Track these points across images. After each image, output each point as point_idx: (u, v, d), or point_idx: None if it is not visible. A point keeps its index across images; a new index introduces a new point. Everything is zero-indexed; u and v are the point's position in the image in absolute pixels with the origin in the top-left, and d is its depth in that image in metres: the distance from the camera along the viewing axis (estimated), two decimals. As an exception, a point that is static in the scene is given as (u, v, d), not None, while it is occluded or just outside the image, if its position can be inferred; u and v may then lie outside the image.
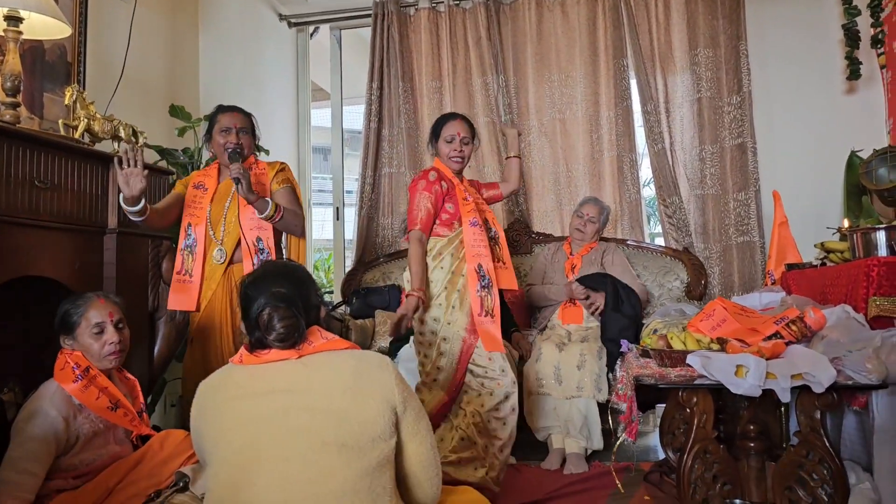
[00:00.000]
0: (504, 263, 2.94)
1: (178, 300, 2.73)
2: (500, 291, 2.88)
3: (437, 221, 2.86)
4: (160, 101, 3.87)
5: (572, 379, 3.06)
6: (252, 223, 2.70)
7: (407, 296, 2.75)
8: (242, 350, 1.59)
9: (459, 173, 2.97)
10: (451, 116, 3.02)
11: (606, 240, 3.89)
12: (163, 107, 3.84)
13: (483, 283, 2.76)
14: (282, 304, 1.55)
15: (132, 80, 3.61)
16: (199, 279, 2.72)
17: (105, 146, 2.91)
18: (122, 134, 2.98)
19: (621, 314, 3.24)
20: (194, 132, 3.85)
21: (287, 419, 1.47)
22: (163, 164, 3.47)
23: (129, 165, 2.41)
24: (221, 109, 2.81)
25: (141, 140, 3.11)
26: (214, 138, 2.77)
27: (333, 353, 1.58)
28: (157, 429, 2.22)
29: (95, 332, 2.05)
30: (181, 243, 2.76)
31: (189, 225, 2.74)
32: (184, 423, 3.09)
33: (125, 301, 2.21)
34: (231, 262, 2.74)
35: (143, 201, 2.46)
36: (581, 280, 3.48)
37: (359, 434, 1.46)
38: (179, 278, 2.73)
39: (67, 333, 2.06)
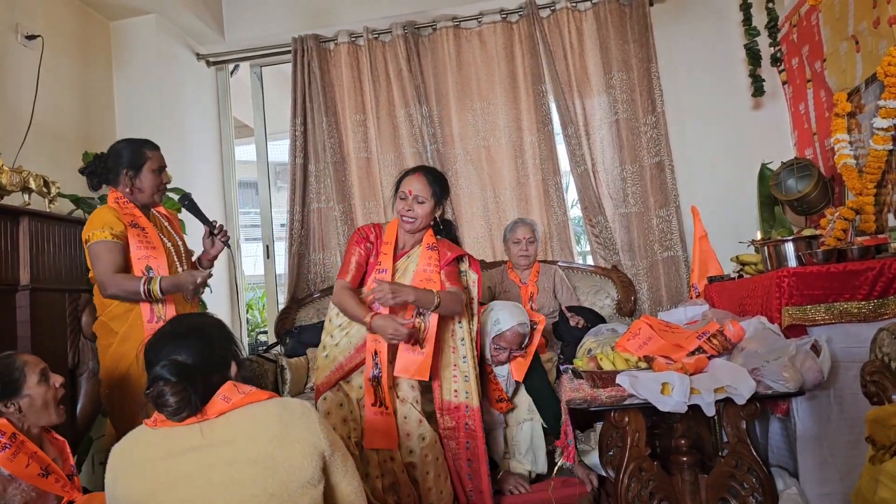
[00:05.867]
0: (422, 348, 2.62)
1: None
2: None
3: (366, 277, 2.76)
4: (74, 148, 3.73)
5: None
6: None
7: (374, 327, 2.55)
8: (157, 413, 1.52)
9: (414, 233, 2.83)
10: (413, 171, 2.82)
11: (544, 261, 3.94)
12: (76, 154, 3.68)
13: (375, 372, 2.60)
14: (173, 378, 1.46)
15: (42, 128, 3.49)
16: None
17: (14, 199, 2.80)
18: (33, 185, 2.88)
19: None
20: (112, 178, 3.73)
21: (212, 475, 1.43)
22: (79, 213, 3.35)
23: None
24: (150, 146, 2.64)
25: (53, 190, 3.01)
26: (144, 174, 2.59)
27: (255, 405, 1.53)
28: (85, 490, 2.11)
29: (44, 380, 1.93)
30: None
31: (148, 268, 2.51)
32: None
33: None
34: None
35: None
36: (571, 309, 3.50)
37: (287, 482, 1.44)
38: (154, 328, 2.56)
39: (12, 395, 1.89)
